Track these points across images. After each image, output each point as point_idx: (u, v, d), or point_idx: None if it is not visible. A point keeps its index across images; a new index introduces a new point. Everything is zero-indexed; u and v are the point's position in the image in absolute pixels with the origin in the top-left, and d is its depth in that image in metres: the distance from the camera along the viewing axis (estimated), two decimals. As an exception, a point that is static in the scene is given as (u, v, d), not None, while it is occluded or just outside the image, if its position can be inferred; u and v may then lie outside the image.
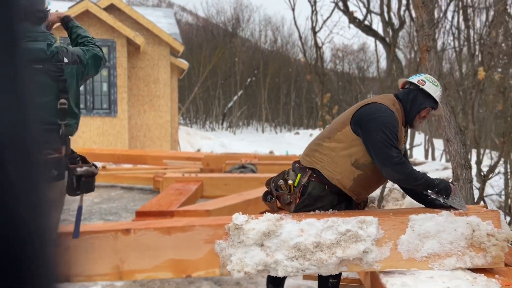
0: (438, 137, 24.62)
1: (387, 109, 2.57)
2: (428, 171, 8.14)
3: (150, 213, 3.46)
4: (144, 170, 8.18)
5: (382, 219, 2.41)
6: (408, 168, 2.50)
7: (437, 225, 2.38)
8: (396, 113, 2.59)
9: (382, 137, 2.49)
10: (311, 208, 2.71)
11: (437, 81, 2.70)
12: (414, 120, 2.68)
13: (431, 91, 2.61)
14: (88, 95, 14.50)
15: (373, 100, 2.68)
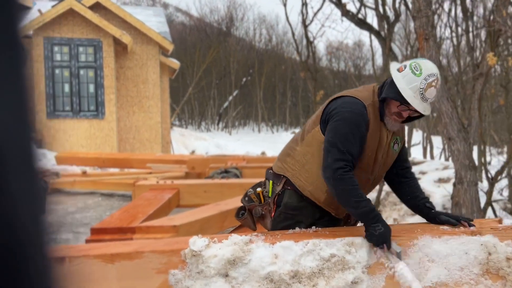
0: (436, 134, 24.19)
1: (356, 104, 2.08)
2: (427, 171, 7.69)
3: (107, 230, 2.98)
4: (126, 175, 7.69)
5: (375, 241, 1.94)
6: (344, 187, 1.98)
7: (444, 246, 1.91)
8: (370, 108, 2.08)
9: (334, 137, 2.03)
10: (290, 222, 2.26)
11: (428, 69, 1.99)
12: (384, 116, 2.09)
13: (400, 80, 1.99)
14: (74, 97, 14.00)
15: (346, 92, 2.21)
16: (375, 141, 2.10)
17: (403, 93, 1.98)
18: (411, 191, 2.27)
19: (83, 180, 7.07)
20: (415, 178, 2.34)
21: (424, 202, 2.23)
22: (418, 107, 1.98)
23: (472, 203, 4.18)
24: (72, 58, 13.92)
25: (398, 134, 2.21)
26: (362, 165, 2.13)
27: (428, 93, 1.97)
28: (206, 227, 3.24)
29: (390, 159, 2.22)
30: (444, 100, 4.06)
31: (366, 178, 2.17)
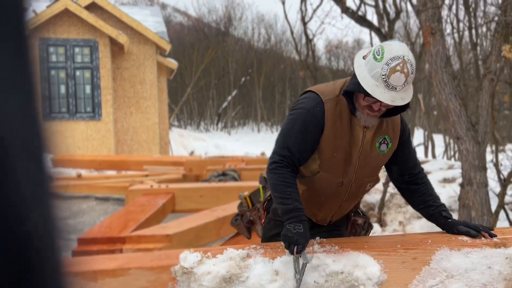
0: (437, 132, 23.96)
1: (312, 99, 1.87)
2: (431, 171, 7.48)
3: (96, 240, 2.79)
4: (122, 178, 7.49)
5: (387, 254, 1.74)
6: (274, 181, 1.84)
7: (465, 260, 1.71)
8: (330, 103, 1.84)
9: (280, 132, 1.92)
10: (280, 230, 2.06)
11: (392, 52, 1.68)
12: (356, 111, 1.84)
13: (362, 69, 1.73)
14: (70, 98, 13.80)
15: (312, 87, 1.99)
16: (343, 140, 1.86)
17: (362, 83, 1.72)
18: (423, 200, 2.03)
19: (77, 184, 6.86)
20: (426, 183, 2.07)
21: (439, 211, 2.00)
22: (381, 97, 1.69)
23: (482, 206, 3.98)
24: (68, 59, 13.72)
25: (386, 132, 1.92)
26: (327, 167, 1.91)
27: (393, 79, 1.67)
28: (201, 235, 3.04)
29: (376, 161, 1.95)
30: (452, 98, 3.86)
31: (336, 181, 1.93)
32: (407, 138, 2.03)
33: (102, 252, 2.71)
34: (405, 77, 1.69)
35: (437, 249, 1.73)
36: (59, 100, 13.75)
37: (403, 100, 1.73)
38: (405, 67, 1.68)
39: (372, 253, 1.74)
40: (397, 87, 1.69)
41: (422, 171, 2.10)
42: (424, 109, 18.97)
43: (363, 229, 2.21)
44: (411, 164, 2.05)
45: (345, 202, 2.01)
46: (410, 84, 1.74)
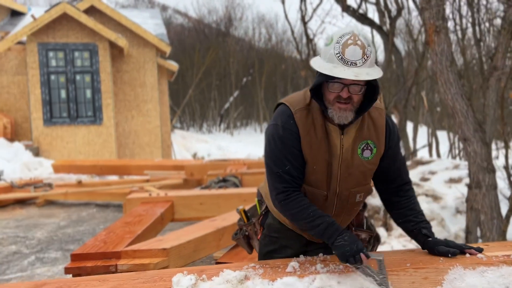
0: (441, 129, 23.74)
1: (281, 114, 1.77)
2: (437, 171, 7.34)
3: (89, 256, 2.67)
4: (122, 184, 7.38)
5: (395, 274, 1.61)
6: (291, 211, 1.73)
7: (481, 280, 1.58)
8: (300, 113, 1.73)
9: (266, 158, 1.80)
10: (275, 247, 2.01)
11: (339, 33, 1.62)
12: (328, 111, 1.69)
13: (317, 60, 1.67)
14: (71, 103, 13.72)
15: (284, 99, 1.87)
16: (320, 149, 1.74)
17: (320, 70, 1.62)
18: (404, 214, 1.88)
19: (76, 192, 6.76)
20: (410, 197, 1.90)
21: (420, 227, 1.83)
22: (343, 74, 1.55)
23: (491, 209, 3.84)
24: (68, 63, 13.64)
25: (368, 137, 1.77)
26: (309, 180, 1.79)
27: (349, 53, 1.56)
28: (200, 247, 2.93)
29: (360, 170, 1.79)
30: (458, 98, 3.73)
31: (321, 195, 1.80)
32: (395, 144, 1.86)
33: (97, 269, 2.60)
34: (361, 48, 1.58)
35: (450, 267, 1.60)
36: (60, 105, 13.67)
37: (369, 75, 1.58)
38: (357, 39, 1.58)
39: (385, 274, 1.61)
40: (356, 61, 1.57)
41: (408, 183, 1.94)
42: (427, 106, 18.81)
43: (369, 244, 2.07)
44: (396, 174, 1.90)
45: (336, 216, 1.87)
46: (372, 59, 1.61)
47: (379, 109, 1.82)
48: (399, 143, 1.93)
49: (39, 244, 4.75)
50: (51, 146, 13.56)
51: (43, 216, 6.14)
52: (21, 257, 4.32)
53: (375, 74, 1.61)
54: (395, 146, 1.88)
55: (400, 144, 1.94)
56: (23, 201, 6.98)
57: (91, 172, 10.38)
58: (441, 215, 4.68)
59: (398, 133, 1.91)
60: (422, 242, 1.82)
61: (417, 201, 1.95)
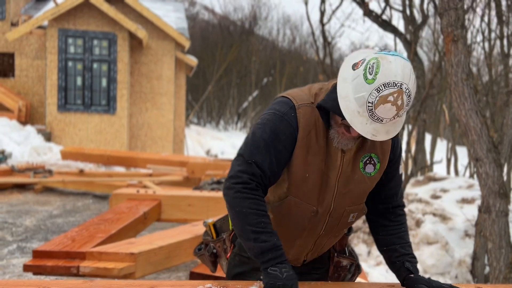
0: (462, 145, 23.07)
1: (283, 104, 1.50)
2: (449, 189, 6.99)
3: (52, 254, 2.50)
4: (124, 176, 7.26)
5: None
6: (241, 209, 1.42)
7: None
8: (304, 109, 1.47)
9: (245, 144, 1.51)
10: (245, 268, 1.74)
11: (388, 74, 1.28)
12: (331, 128, 1.47)
13: (347, 84, 1.35)
14: (86, 91, 13.74)
15: (284, 93, 1.61)
16: (317, 156, 1.48)
17: (341, 105, 1.35)
18: (390, 241, 1.62)
19: (73, 180, 6.66)
20: (402, 224, 1.65)
21: (403, 260, 1.57)
22: (361, 129, 1.33)
23: (500, 237, 3.53)
24: (86, 51, 13.66)
25: (373, 149, 1.53)
26: (297, 191, 1.53)
27: (381, 111, 1.30)
28: (173, 254, 2.72)
29: (360, 186, 1.55)
30: (473, 114, 3.44)
31: (309, 209, 1.55)
32: (396, 160, 1.61)
33: (57, 269, 2.42)
34: (397, 110, 1.30)
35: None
36: (75, 91, 13.70)
37: (388, 135, 1.36)
38: (400, 98, 1.29)
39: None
40: (383, 119, 1.32)
41: (402, 206, 1.68)
42: (448, 120, 18.26)
43: (349, 273, 1.83)
44: (391, 192, 1.64)
45: (323, 237, 1.63)
46: (402, 117, 1.36)
47: None
48: (400, 158, 1.68)
49: (25, 232, 4.63)
50: (63, 132, 13.60)
51: (38, 203, 6.04)
52: (3, 244, 4.20)
53: (393, 131, 1.38)
54: (396, 162, 1.62)
55: (400, 160, 1.69)
56: (23, 186, 6.92)
57: (98, 162, 10.34)
58: (446, 239, 4.38)
59: (401, 148, 1.65)
60: (403, 277, 1.57)
61: (407, 230, 1.70)
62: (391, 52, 1.38)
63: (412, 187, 7.16)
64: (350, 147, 1.47)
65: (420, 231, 4.40)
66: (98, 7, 13.31)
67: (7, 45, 14.51)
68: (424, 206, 5.55)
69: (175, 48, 15.06)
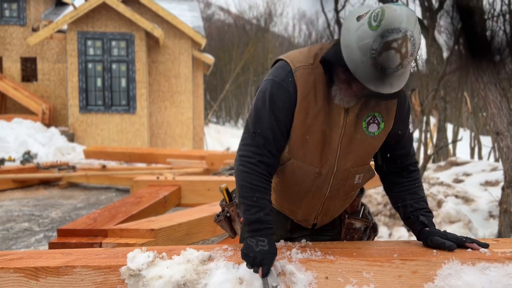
0: (486, 134, 22.55)
1: (280, 69, 1.52)
2: (472, 173, 6.86)
3: (76, 232, 2.58)
4: (145, 170, 7.37)
5: (378, 265, 1.38)
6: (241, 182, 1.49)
7: (480, 278, 1.32)
8: (302, 72, 1.47)
9: (249, 115, 1.54)
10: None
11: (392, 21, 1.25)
12: (333, 86, 1.44)
13: (351, 34, 1.31)
14: (106, 91, 13.98)
15: (283, 55, 1.60)
16: (317, 118, 1.49)
17: (344, 54, 1.31)
18: (403, 197, 1.62)
19: (96, 174, 6.80)
20: (415, 180, 1.66)
21: (418, 215, 1.57)
22: (363, 79, 1.30)
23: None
24: (105, 52, 13.90)
25: (377, 109, 1.52)
26: (298, 153, 1.54)
27: (385, 58, 1.26)
28: (194, 231, 2.76)
29: (363, 146, 1.55)
30: (492, 87, 3.38)
31: (312, 171, 1.56)
32: (404, 118, 1.59)
33: (80, 246, 2.50)
34: (401, 59, 1.27)
35: (444, 261, 1.35)
36: (96, 93, 13.97)
37: (391, 87, 1.33)
38: (404, 45, 1.26)
39: (361, 263, 1.38)
40: (387, 69, 1.29)
41: (414, 164, 1.67)
42: (471, 108, 17.89)
43: (365, 235, 1.83)
44: (402, 151, 1.64)
45: (330, 199, 1.64)
46: (406, 68, 1.32)
47: None
48: (409, 116, 1.66)
49: (51, 223, 4.76)
50: (86, 132, 13.88)
51: (63, 197, 6.20)
52: (30, 234, 4.33)
53: (398, 85, 1.34)
54: (404, 120, 1.60)
55: (410, 118, 1.67)
56: (48, 183, 7.11)
57: (120, 159, 10.52)
58: (468, 217, 4.31)
59: (409, 105, 1.63)
60: (418, 231, 1.57)
61: (421, 185, 1.69)
62: (397, 3, 1.39)
63: (434, 172, 7.06)
64: (352, 105, 1.46)
65: (441, 210, 4.34)
66: (114, 8, 13.54)
67: (29, 50, 14.91)
68: (446, 189, 5.47)
69: (192, 46, 15.19)
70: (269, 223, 1.45)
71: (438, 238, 1.47)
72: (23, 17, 15.10)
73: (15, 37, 15.05)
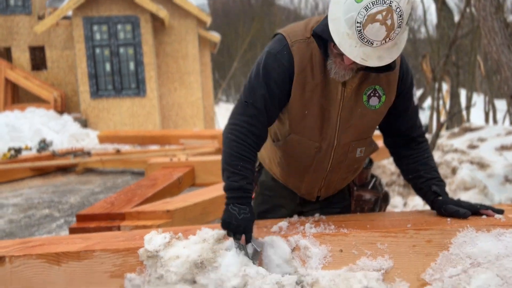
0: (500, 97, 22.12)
1: (277, 42, 1.51)
2: (487, 138, 6.76)
3: (94, 217, 2.64)
4: (159, 152, 7.44)
5: (393, 236, 1.39)
6: (226, 149, 1.51)
7: (496, 245, 1.33)
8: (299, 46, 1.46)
9: (244, 86, 1.56)
10: (267, 206, 1.85)
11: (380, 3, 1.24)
12: (328, 59, 1.43)
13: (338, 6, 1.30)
14: (115, 76, 14.01)
15: (281, 29, 1.59)
16: (315, 92, 1.48)
17: (331, 27, 1.31)
18: (414, 168, 1.62)
19: (111, 159, 6.89)
20: (424, 150, 1.65)
21: (430, 185, 1.57)
22: (349, 52, 1.29)
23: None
24: (111, 36, 13.86)
25: (377, 82, 1.49)
26: (298, 128, 1.55)
27: (370, 31, 1.24)
28: (208, 211, 2.80)
29: (364, 120, 1.54)
30: (504, 49, 3.29)
31: (312, 146, 1.57)
32: (407, 90, 1.57)
33: (99, 230, 2.55)
34: (387, 31, 1.25)
35: (459, 229, 1.35)
36: (105, 77, 14.00)
37: (380, 60, 1.30)
38: (390, 17, 1.23)
39: (374, 235, 1.39)
40: (373, 42, 1.26)
41: (422, 135, 1.66)
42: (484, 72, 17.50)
43: (376, 206, 1.84)
44: (408, 124, 1.63)
45: (332, 172, 1.65)
46: (395, 41, 1.29)
47: None
48: (413, 89, 1.64)
49: (70, 208, 4.87)
50: (98, 118, 13.99)
51: (80, 182, 6.32)
52: (51, 220, 4.44)
53: (388, 57, 1.31)
54: (407, 93, 1.59)
55: (413, 90, 1.65)
56: (65, 169, 7.24)
57: (134, 142, 10.63)
58: (484, 183, 4.28)
59: (412, 77, 1.61)
60: (431, 201, 1.57)
61: (431, 156, 1.68)
62: None
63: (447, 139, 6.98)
64: (348, 78, 1.44)
65: (456, 177, 4.31)
66: (118, -9, 13.42)
67: (36, 39, 14.93)
68: (461, 156, 5.41)
69: (197, 25, 15.04)
70: (250, 192, 1.48)
71: (452, 207, 1.46)
72: (28, 5, 15.07)
73: (21, 27, 15.07)
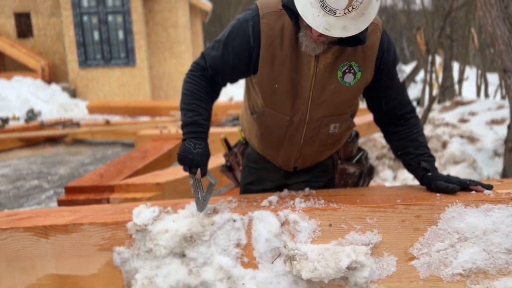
0: (493, 71, 22.12)
1: (248, 12, 1.50)
2: (478, 112, 6.79)
3: (83, 189, 2.61)
4: (150, 123, 7.38)
5: (382, 211, 1.39)
6: (183, 90, 1.56)
7: (484, 220, 1.34)
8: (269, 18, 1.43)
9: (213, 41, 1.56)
10: (253, 178, 1.87)
11: None
12: (299, 30, 1.38)
13: None
14: (104, 44, 13.72)
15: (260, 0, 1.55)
16: (284, 66, 1.45)
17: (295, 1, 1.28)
18: (403, 145, 1.61)
19: (101, 130, 6.82)
20: (413, 126, 1.62)
21: (419, 161, 1.56)
22: (312, 22, 1.25)
23: (529, 150, 3.45)
24: (99, 3, 13.50)
25: (353, 58, 1.45)
26: (270, 102, 1.55)
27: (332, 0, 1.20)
28: (200, 183, 2.78)
29: (338, 96, 1.51)
30: (500, 22, 3.24)
31: (284, 119, 1.56)
32: (390, 67, 1.52)
33: (88, 202, 2.54)
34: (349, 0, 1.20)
35: (447, 205, 1.36)
36: (94, 46, 13.71)
37: (345, 31, 1.25)
38: None
39: (364, 210, 1.39)
40: (336, 10, 1.21)
41: (410, 111, 1.63)
42: (478, 46, 17.42)
43: (360, 179, 1.85)
44: (393, 103, 1.60)
45: (306, 145, 1.65)
46: (361, 10, 1.23)
47: (373, 24, 1.43)
48: (396, 66, 1.57)
49: (60, 179, 4.84)
50: (87, 88, 13.79)
51: (69, 153, 6.26)
52: (40, 191, 4.41)
53: (354, 29, 1.26)
54: (390, 70, 1.54)
55: (398, 67, 1.60)
56: (54, 140, 7.16)
57: (124, 113, 10.52)
58: (473, 157, 4.31)
59: (395, 54, 1.55)
60: (421, 177, 1.57)
61: (420, 131, 1.66)
62: None
63: (439, 113, 7.00)
64: (319, 52, 1.39)
65: (446, 151, 4.34)
66: (105, -44, 12.98)
67: (22, 5, 14.48)
68: (451, 129, 5.43)
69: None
70: (205, 127, 1.52)
71: (442, 182, 1.46)
72: (12, -30, 14.54)
73: (6, -8, 14.59)
